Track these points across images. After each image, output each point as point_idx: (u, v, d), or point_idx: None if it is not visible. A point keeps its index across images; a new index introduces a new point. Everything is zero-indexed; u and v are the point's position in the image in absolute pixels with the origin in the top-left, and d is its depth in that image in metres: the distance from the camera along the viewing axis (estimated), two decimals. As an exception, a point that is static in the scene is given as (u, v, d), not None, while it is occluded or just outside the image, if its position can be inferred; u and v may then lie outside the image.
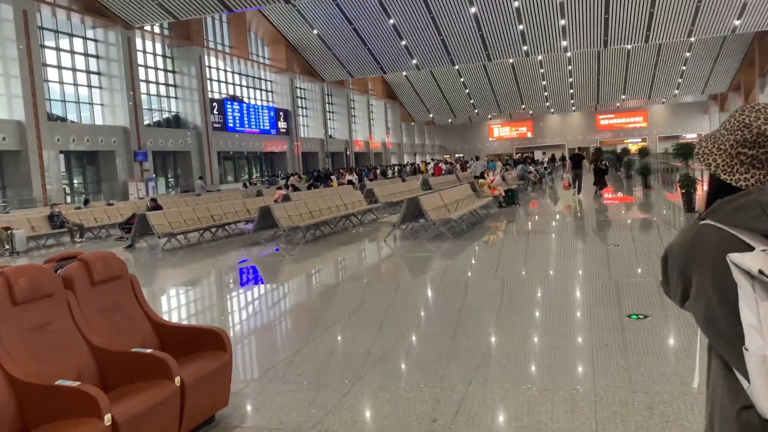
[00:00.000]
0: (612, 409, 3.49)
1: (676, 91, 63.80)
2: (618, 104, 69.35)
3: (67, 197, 29.15)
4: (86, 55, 31.17)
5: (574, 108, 70.61)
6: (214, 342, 3.66)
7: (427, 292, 7.58)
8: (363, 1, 39.65)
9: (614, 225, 12.87)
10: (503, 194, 17.15)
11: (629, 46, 49.56)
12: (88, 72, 31.18)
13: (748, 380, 1.26)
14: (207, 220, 13.95)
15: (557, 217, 15.32)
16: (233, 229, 15.11)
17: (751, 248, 1.30)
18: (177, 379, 3.19)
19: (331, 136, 53.05)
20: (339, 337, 5.65)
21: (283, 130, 46.11)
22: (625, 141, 68.70)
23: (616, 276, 7.56)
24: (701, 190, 12.58)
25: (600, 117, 73.59)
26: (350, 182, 25.79)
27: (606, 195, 20.33)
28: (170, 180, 37.81)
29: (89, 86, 31.32)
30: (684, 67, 57.20)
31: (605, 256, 9.05)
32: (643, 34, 42.56)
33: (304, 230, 12.74)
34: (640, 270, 7.95)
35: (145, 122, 34.00)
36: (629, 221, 13.56)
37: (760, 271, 1.23)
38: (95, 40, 31.52)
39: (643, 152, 20.82)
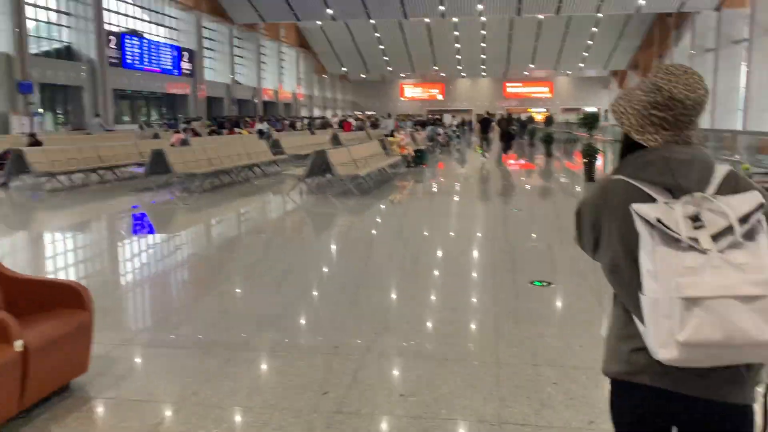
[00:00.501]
0: (516, 384, 3.30)
1: (581, 65, 66.10)
2: (526, 73, 71.02)
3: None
4: (-38, -31, 27.73)
5: (484, 74, 71.65)
6: (72, 299, 3.12)
7: (330, 251, 7.23)
8: (278, -58, 37.70)
9: (518, 190, 13.01)
10: (412, 154, 16.97)
11: (541, 16, 50.52)
12: (-36, -12, 27.81)
13: (644, 323, 1.37)
14: (94, 161, 12.78)
15: (464, 179, 15.35)
16: (123, 173, 13.96)
17: (655, 201, 1.40)
18: (18, 343, 2.66)
19: (238, 82, 50.80)
20: (230, 297, 5.20)
21: (187, 72, 43.56)
22: (529, 110, 70.76)
23: (520, 241, 7.51)
24: (602, 160, 12.92)
25: (508, 85, 75.16)
26: (260, 131, 24.75)
27: (510, 161, 20.67)
28: (59, 116, 34.90)
29: (-35, 4, 27.97)
30: (590, 42, 59.15)
31: (509, 220, 9.05)
32: (555, 4, 43.36)
33: (201, 178, 11.96)
34: (543, 236, 7.95)
35: (33, 51, 30.97)
36: (532, 187, 13.77)
37: (658, 220, 1.34)
38: (-27, -47, 28.06)
39: (548, 121, 21.27)
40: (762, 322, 1.27)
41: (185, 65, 43.14)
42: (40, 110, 31.03)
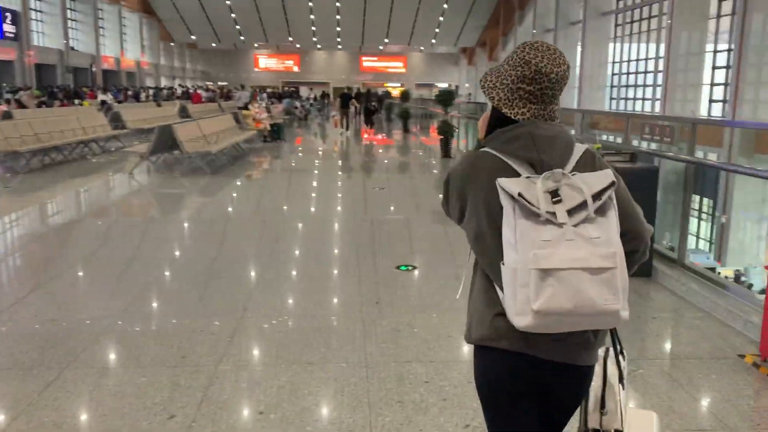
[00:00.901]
0: (386, 387, 3.05)
1: (433, 41, 67.81)
2: (381, 47, 71.67)
3: None
4: None
5: (340, 47, 71.29)
6: None
7: (177, 239, 6.58)
8: None
9: (377, 167, 12.86)
10: (268, 128, 16.28)
11: (394, -11, 50.91)
12: None
13: (503, 292, 1.46)
14: None
15: (323, 155, 15.01)
16: None
17: (519, 175, 1.48)
18: None
19: (73, 48, 46.18)
20: (55, 299, 4.47)
21: (11, 35, 38.77)
22: (385, 84, 71.70)
23: (382, 222, 7.33)
24: (457, 139, 13.14)
25: (363, 59, 75.47)
26: (103, 102, 22.48)
27: (369, 136, 20.64)
28: None
29: None
30: (441, 18, 60.77)
31: (370, 199, 8.83)
32: (407, -23, 43.82)
33: (27, 156, 10.54)
34: (405, 216, 7.84)
35: None
36: (391, 164, 13.72)
37: (519, 194, 1.40)
38: None
39: (404, 96, 21.41)
40: (608, 292, 1.37)
41: (8, 28, 38.33)
42: None
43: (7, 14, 38.43)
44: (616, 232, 1.42)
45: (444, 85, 74.93)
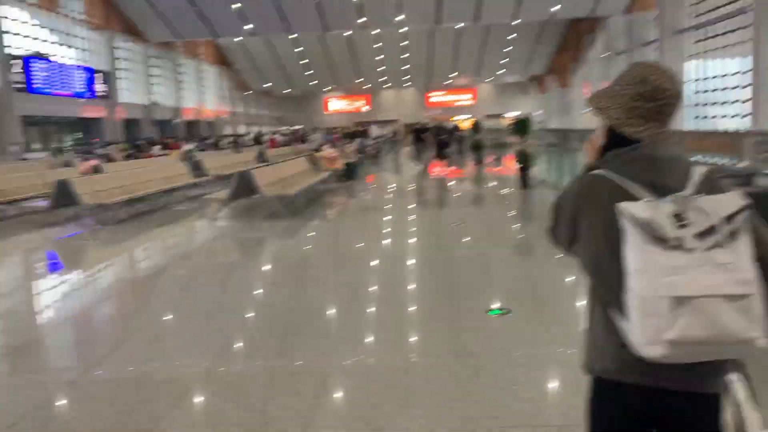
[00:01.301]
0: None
1: (502, 71, 67.51)
2: (449, 82, 71.96)
3: None
4: None
5: (408, 84, 72.13)
6: None
7: (256, 286, 6.46)
8: (191, -44, 36.51)
9: (455, 202, 12.58)
10: (342, 168, 16.35)
11: (460, 25, 51.23)
12: None
13: (628, 320, 1.40)
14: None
15: (398, 192, 14.83)
16: (26, 208, 12.53)
17: (638, 198, 1.44)
18: None
19: (156, 103, 48.87)
20: (139, 353, 4.38)
21: (102, 94, 41.48)
22: (452, 119, 71.71)
23: (465, 260, 7.00)
24: (534, 167, 12.69)
25: (431, 94, 75.97)
26: (189, 152, 23.51)
27: (443, 170, 20.41)
28: (-41, 147, 32.32)
29: None
30: (509, 49, 60.48)
31: (453, 236, 8.52)
32: (473, 13, 43.96)
33: (114, 208, 10.92)
34: (489, 253, 7.46)
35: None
36: (468, 198, 13.37)
37: (645, 219, 1.36)
38: None
39: (475, 127, 21.14)
40: (745, 320, 1.32)
41: (99, 87, 41.06)
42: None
43: (98, 75, 41.17)
44: (749, 258, 1.36)
45: (515, 114, 74.34)
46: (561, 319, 4.51)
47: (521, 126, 12.31)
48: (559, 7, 42.40)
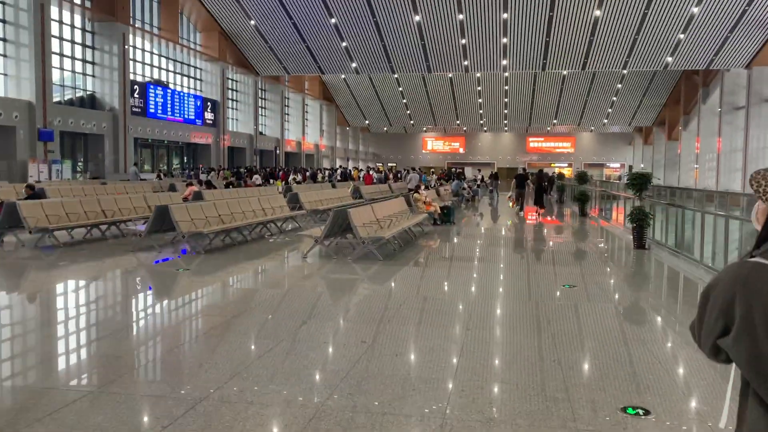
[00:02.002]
0: None
1: (605, 121, 65.44)
2: (549, 128, 70.54)
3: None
4: (-10, 18, 27.88)
5: (506, 128, 71.27)
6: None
7: (345, 332, 5.99)
8: (305, -5, 37.90)
9: (562, 258, 11.54)
10: (438, 211, 15.83)
11: (565, 72, 50.12)
12: (-9, 37, 27.89)
13: None
14: (96, 215, 11.80)
15: (498, 241, 14.00)
16: (128, 230, 12.77)
17: None
18: None
19: (261, 133, 50.70)
20: (219, 395, 3.96)
21: (210, 122, 43.52)
22: (552, 165, 69.94)
23: (586, 339, 5.91)
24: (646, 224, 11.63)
25: (530, 139, 74.70)
26: (297, 183, 23.95)
27: (546, 220, 19.46)
28: (80, 164, 34.61)
29: (-9, 52, 28.03)
30: (615, 98, 58.58)
31: (561, 302, 7.51)
32: (581, 60, 42.90)
33: (210, 237, 10.90)
34: (613, 330, 6.42)
35: (56, 99, 30.90)
36: (577, 255, 12.25)
37: None
38: (3, 2, 28.26)
39: (582, 178, 20.09)
40: None
41: (208, 115, 43.13)
42: (59, 158, 30.68)
43: (209, 104, 43.24)
44: None
45: (616, 165, 71.69)
46: (701, 416, 3.70)
47: (640, 181, 11.27)
48: (672, 58, 40.60)
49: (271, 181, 26.65)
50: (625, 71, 48.37)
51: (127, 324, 6.29)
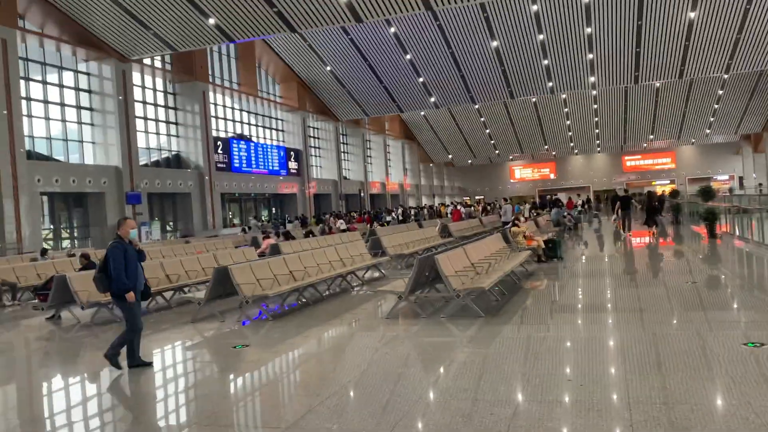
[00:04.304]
0: None
1: (708, 131, 60.77)
2: (645, 144, 66.35)
3: (48, 243, 26.37)
4: (77, 89, 28.78)
5: (599, 149, 67.67)
6: None
7: (445, 419, 4.19)
8: (378, 36, 37.22)
9: (720, 298, 9.13)
10: (542, 245, 13.71)
11: (659, 83, 46.70)
12: (79, 107, 28.73)
13: None
14: (161, 281, 10.68)
15: (628, 279, 11.57)
16: (186, 297, 11.21)
17: None
18: None
19: (345, 177, 50.24)
20: None
21: (294, 171, 43.40)
22: (653, 183, 65.54)
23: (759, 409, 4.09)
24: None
25: (626, 158, 70.77)
26: (414, 221, 22.69)
27: (659, 241, 16.87)
28: (169, 224, 34.99)
29: (79, 122, 28.83)
30: (716, 106, 54.17)
31: (758, 373, 5.52)
32: (677, 69, 39.63)
33: (277, 299, 9.45)
34: None
35: (142, 162, 31.43)
36: (725, 289, 9.96)
37: None
38: (87, 74, 29.18)
39: (707, 194, 17.31)
40: None
41: (292, 164, 43.04)
42: (147, 220, 30.96)
43: (291, 153, 43.17)
44: None
45: (724, 177, 66.12)
46: None
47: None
48: (784, 53, 36.64)
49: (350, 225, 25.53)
50: (726, 75, 44.37)
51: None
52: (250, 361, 6.82)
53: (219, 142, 36.48)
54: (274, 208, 44.92)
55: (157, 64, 33.70)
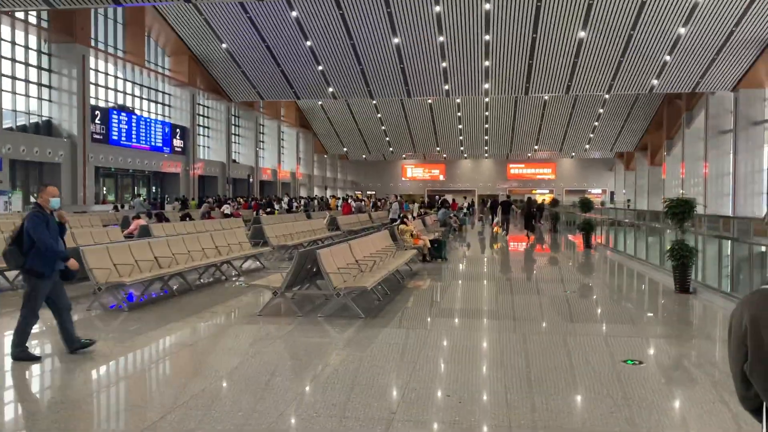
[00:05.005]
0: None
1: (587, 146, 64.50)
2: (529, 154, 69.46)
3: None
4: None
5: (486, 155, 70.01)
6: None
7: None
8: (279, 18, 35.95)
9: (595, 311, 9.11)
10: (428, 245, 13.54)
11: (547, 96, 48.84)
12: (-70, 57, 25.40)
13: None
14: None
15: (508, 284, 11.57)
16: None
17: None
18: None
19: (234, 161, 48.30)
20: None
21: (179, 149, 41.05)
22: (534, 191, 68.75)
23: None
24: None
25: (511, 166, 73.65)
26: (303, 211, 21.57)
27: (537, 247, 17.32)
28: (34, 195, 31.90)
29: (-70, 75, 25.49)
30: (596, 123, 57.56)
31: (652, 398, 5.41)
32: (564, 84, 41.52)
33: (142, 286, 8.50)
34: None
35: (6, 125, 28.34)
36: (613, 305, 9.93)
37: None
38: (-57, 20, 25.87)
39: (585, 205, 17.98)
40: None
41: (177, 142, 40.70)
42: (9, 189, 28.01)
43: (177, 130, 40.84)
44: None
45: (597, 191, 70.67)
46: None
47: (682, 210, 9.04)
48: (658, 81, 39.35)
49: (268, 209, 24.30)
50: (607, 96, 47.17)
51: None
52: (90, 361, 5.90)
53: (97, 112, 33.70)
54: (154, 187, 42.33)
55: (32, 20, 30.53)
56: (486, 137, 62.27)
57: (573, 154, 69.42)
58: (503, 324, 7.64)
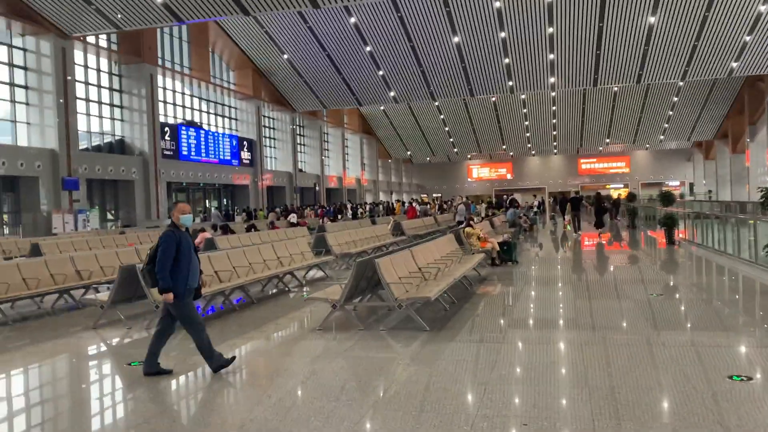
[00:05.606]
0: None
1: (662, 137, 61.62)
2: (601, 148, 66.97)
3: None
4: (11, 65, 26.71)
5: (555, 151, 68.01)
6: None
7: None
8: (337, 25, 35.99)
9: (686, 318, 8.24)
10: (497, 248, 12.87)
11: (617, 87, 46.86)
12: (12, 85, 26.68)
13: None
14: (68, 278, 9.37)
15: (579, 283, 10.85)
16: (86, 299, 9.61)
17: None
18: None
19: (301, 170, 48.81)
20: None
21: (247, 162, 41.79)
22: (608, 186, 66.24)
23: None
24: None
25: (582, 161, 71.24)
26: (368, 217, 21.55)
27: (613, 244, 16.26)
28: (111, 212, 33.07)
29: (12, 101, 26.78)
30: (671, 112, 54.85)
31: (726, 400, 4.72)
32: (635, 73, 39.66)
33: (201, 301, 8.30)
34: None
35: (83, 146, 29.51)
36: (687, 296, 9.25)
37: None
38: (24, 49, 27.14)
39: (666, 198, 16.73)
40: None
41: (245, 155, 41.46)
42: (86, 208, 29.11)
43: (245, 143, 41.56)
44: None
45: (675, 183, 67.25)
46: None
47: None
48: (737, 63, 36.92)
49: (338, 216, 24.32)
50: (681, 83, 44.77)
51: None
52: (141, 384, 5.66)
53: (167, 128, 34.69)
54: (225, 200, 43.25)
55: (103, 43, 31.74)
56: (554, 132, 60.50)
57: (647, 145, 66.46)
58: (583, 335, 6.94)
